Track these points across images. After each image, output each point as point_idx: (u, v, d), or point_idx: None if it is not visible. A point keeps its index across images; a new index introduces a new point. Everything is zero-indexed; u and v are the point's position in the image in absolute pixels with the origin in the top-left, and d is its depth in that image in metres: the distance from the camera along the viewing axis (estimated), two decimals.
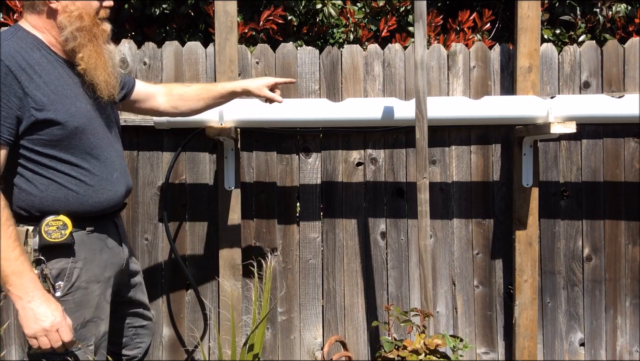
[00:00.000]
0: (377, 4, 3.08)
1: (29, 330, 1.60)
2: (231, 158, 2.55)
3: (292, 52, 2.68)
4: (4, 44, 1.62)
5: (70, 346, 1.66)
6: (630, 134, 2.68)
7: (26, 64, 1.63)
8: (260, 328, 1.91)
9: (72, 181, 1.70)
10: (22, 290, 1.58)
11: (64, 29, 1.69)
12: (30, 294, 1.59)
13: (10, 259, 1.56)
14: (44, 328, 1.59)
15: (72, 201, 1.71)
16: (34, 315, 1.59)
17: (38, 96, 1.63)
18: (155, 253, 2.69)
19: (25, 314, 1.59)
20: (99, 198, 1.76)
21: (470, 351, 2.70)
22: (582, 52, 2.68)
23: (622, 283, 2.71)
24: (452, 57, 2.69)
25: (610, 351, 2.72)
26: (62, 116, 1.67)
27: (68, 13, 1.69)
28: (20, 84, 1.60)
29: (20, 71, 1.61)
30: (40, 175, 1.67)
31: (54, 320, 1.61)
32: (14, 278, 1.57)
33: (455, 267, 2.72)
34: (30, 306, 1.59)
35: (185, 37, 3.05)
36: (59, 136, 1.67)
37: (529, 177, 2.59)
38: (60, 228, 1.67)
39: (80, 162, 1.72)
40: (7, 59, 1.60)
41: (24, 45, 1.65)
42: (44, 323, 1.59)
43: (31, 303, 1.59)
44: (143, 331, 2.07)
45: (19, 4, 2.86)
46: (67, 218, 1.68)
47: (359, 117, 2.45)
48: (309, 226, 2.71)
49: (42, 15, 1.71)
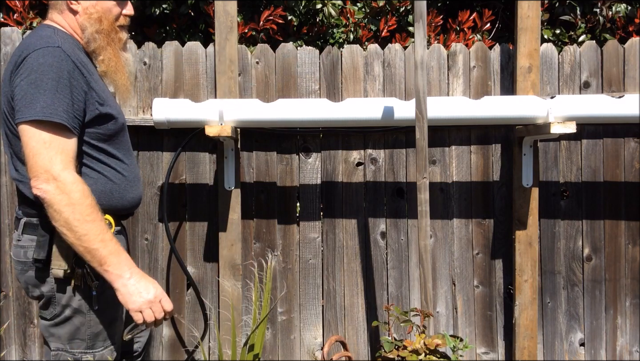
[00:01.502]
0: (377, 4, 3.07)
1: (134, 305, 1.64)
2: (231, 158, 2.55)
3: (292, 52, 2.68)
4: (60, 41, 1.66)
5: (170, 315, 1.73)
6: (630, 134, 2.69)
7: (80, 61, 1.68)
8: (260, 328, 1.91)
9: (117, 175, 1.77)
10: (121, 269, 1.63)
11: (84, 30, 1.76)
12: (129, 272, 1.64)
13: (107, 241, 1.61)
14: (148, 300, 1.65)
15: (115, 195, 1.77)
16: (137, 290, 1.64)
17: (98, 90, 1.70)
18: (155, 253, 2.69)
19: (128, 290, 1.63)
20: (133, 194, 1.83)
21: (470, 351, 2.70)
22: (582, 52, 2.68)
23: (622, 283, 2.71)
24: (452, 57, 2.69)
25: (610, 351, 2.72)
26: (114, 111, 1.75)
27: (88, 15, 1.75)
28: (85, 78, 1.66)
29: (82, 66, 1.67)
30: (92, 168, 1.72)
31: (156, 292, 1.67)
32: (112, 257, 1.61)
33: (455, 267, 2.72)
34: (131, 283, 1.64)
35: (185, 37, 3.05)
36: (112, 131, 1.74)
37: (529, 177, 2.59)
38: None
39: (123, 157, 1.80)
40: (71, 54, 1.65)
41: (69, 43, 1.71)
42: (148, 295, 1.65)
43: (131, 279, 1.64)
44: (140, 326, 2.09)
45: (18, 4, 2.86)
46: (111, 217, 1.74)
47: (359, 117, 2.45)
48: (309, 226, 2.71)
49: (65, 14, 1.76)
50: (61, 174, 1.56)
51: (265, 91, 2.67)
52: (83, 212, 1.57)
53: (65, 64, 1.61)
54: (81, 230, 1.57)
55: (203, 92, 2.66)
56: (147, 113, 2.66)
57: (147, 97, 2.66)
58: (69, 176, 1.57)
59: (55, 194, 1.56)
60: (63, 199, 1.56)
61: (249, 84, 2.67)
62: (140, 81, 2.66)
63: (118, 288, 1.64)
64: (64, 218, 1.57)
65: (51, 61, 1.59)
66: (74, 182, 1.57)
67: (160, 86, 2.67)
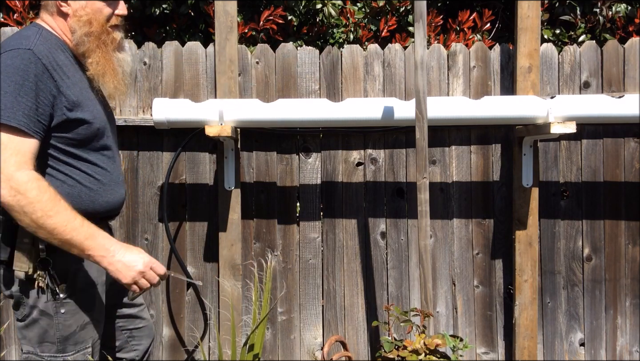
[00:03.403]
0: (377, 4, 3.07)
1: (126, 279, 1.66)
2: (231, 158, 2.55)
3: (292, 52, 2.68)
4: (36, 42, 1.64)
5: (164, 278, 1.75)
6: (630, 134, 2.68)
7: (56, 64, 1.66)
8: (260, 328, 1.91)
9: (88, 178, 1.74)
10: (102, 249, 1.63)
11: (74, 33, 1.73)
12: (111, 249, 1.64)
13: (77, 228, 1.60)
14: (139, 271, 1.66)
15: (84, 199, 1.73)
16: (125, 265, 1.65)
17: (70, 95, 1.66)
18: (155, 253, 2.69)
19: (116, 267, 1.64)
20: (107, 198, 1.79)
21: (470, 351, 2.70)
22: (582, 52, 2.68)
23: (622, 283, 2.71)
24: (452, 57, 2.69)
25: (610, 351, 2.72)
26: (88, 116, 1.71)
27: (77, 17, 1.72)
28: (55, 82, 1.63)
29: (53, 70, 1.64)
30: (57, 170, 1.69)
31: (145, 261, 1.68)
32: (89, 242, 1.61)
33: (455, 267, 2.72)
34: (117, 259, 1.64)
35: (185, 37, 3.05)
36: (84, 136, 1.70)
37: (529, 177, 2.59)
38: None
39: (98, 161, 1.76)
40: (43, 57, 1.62)
41: (50, 45, 1.68)
42: (137, 266, 1.66)
43: (116, 256, 1.64)
44: (139, 334, 2.06)
45: (18, 4, 2.86)
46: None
47: (359, 117, 2.44)
48: (309, 226, 2.71)
49: (55, 16, 1.73)
50: (14, 175, 1.54)
51: (265, 91, 2.67)
52: (44, 208, 1.55)
53: (33, 67, 1.58)
54: (49, 225, 1.56)
55: (203, 92, 2.66)
56: (147, 113, 2.66)
57: (147, 97, 2.66)
58: (23, 175, 1.55)
59: (11, 197, 1.54)
60: (21, 200, 1.54)
61: (249, 84, 2.67)
62: (140, 81, 2.66)
63: (106, 267, 1.65)
64: (29, 218, 1.55)
65: (18, 64, 1.57)
66: (28, 180, 1.55)
67: (160, 86, 2.67)
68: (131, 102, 2.65)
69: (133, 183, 2.67)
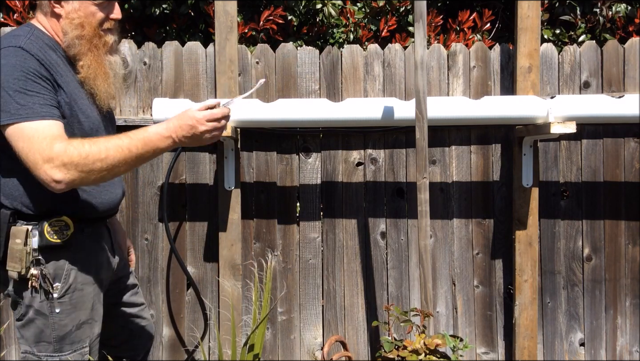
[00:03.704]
0: (377, 4, 3.07)
1: (205, 141, 1.69)
2: (231, 158, 2.55)
3: (292, 52, 2.68)
4: (27, 41, 1.63)
5: (226, 113, 1.70)
6: (630, 134, 2.68)
7: (49, 61, 1.65)
8: (260, 328, 1.91)
9: None
10: (161, 139, 1.64)
11: (66, 34, 1.71)
12: (165, 131, 1.65)
13: (125, 145, 1.61)
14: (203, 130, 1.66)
15: (80, 200, 1.72)
16: (188, 127, 1.65)
17: (66, 90, 1.66)
18: (155, 253, 2.69)
19: (189, 140, 1.67)
20: (102, 199, 1.78)
21: (470, 351, 2.70)
22: (582, 52, 2.68)
23: (622, 283, 2.71)
24: (452, 57, 2.69)
25: (610, 351, 2.72)
26: (81, 115, 1.70)
27: (70, 20, 1.71)
28: (52, 75, 1.63)
29: (48, 65, 1.64)
30: None
31: (196, 116, 1.66)
32: (146, 141, 1.63)
33: (455, 267, 2.72)
34: (179, 134, 1.65)
35: (185, 37, 3.05)
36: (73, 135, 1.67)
37: (529, 178, 2.59)
38: (62, 228, 1.67)
39: None
40: (35, 54, 1.62)
41: (42, 44, 1.67)
42: (198, 117, 1.66)
43: (175, 132, 1.65)
44: (140, 333, 2.06)
45: (18, 4, 2.86)
46: (68, 219, 1.68)
47: (359, 117, 2.45)
48: (309, 226, 2.71)
49: (48, 17, 1.73)
50: (51, 153, 1.54)
51: (265, 91, 2.67)
52: (95, 157, 1.56)
53: (29, 62, 1.59)
54: (111, 166, 1.58)
55: (203, 92, 2.66)
56: (147, 113, 2.66)
57: (147, 97, 2.66)
58: (57, 148, 1.55)
59: (66, 173, 1.55)
60: (72, 170, 1.55)
61: (249, 84, 2.67)
62: (140, 81, 2.66)
63: (181, 144, 1.68)
64: (94, 176, 1.57)
65: (14, 62, 1.58)
66: (65, 150, 1.55)
67: (160, 86, 2.67)
68: (131, 102, 2.65)
69: (133, 183, 2.67)
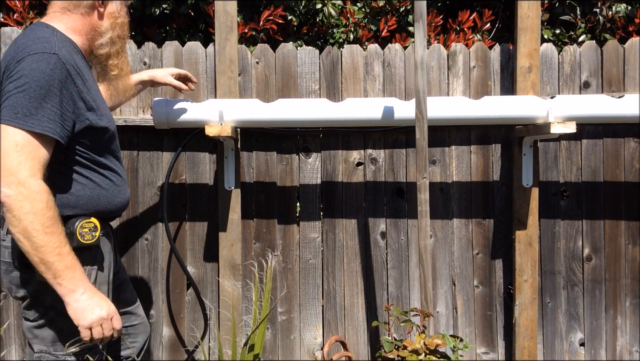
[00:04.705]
0: (377, 4, 3.08)
1: (84, 321, 1.60)
2: (231, 158, 2.55)
3: (292, 52, 2.68)
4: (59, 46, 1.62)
5: (118, 334, 1.69)
6: (630, 134, 2.69)
7: (78, 68, 1.66)
8: (260, 328, 1.91)
9: (105, 181, 1.76)
10: (75, 283, 1.59)
11: (104, 34, 1.74)
12: (82, 287, 1.60)
13: (64, 255, 1.57)
14: (101, 317, 1.62)
15: (102, 201, 1.75)
16: (89, 306, 1.60)
17: (89, 100, 1.67)
18: (155, 253, 2.69)
19: (80, 306, 1.60)
20: (120, 198, 1.82)
21: (470, 351, 2.70)
22: (582, 52, 2.68)
23: (622, 283, 2.71)
24: (452, 57, 2.69)
25: (610, 351, 2.72)
26: (105, 120, 1.74)
27: (114, 19, 1.76)
28: (77, 87, 1.64)
29: (76, 75, 1.64)
30: (80, 175, 1.70)
31: (109, 308, 1.64)
32: (68, 272, 1.58)
33: (455, 267, 2.72)
34: (84, 298, 1.60)
35: (185, 37, 3.05)
36: (101, 139, 1.73)
37: (529, 177, 2.59)
38: (92, 230, 1.70)
39: (111, 163, 1.79)
40: (67, 62, 1.61)
41: (68, 48, 1.67)
42: (101, 312, 1.62)
43: (84, 295, 1.60)
44: (135, 331, 2.07)
45: (18, 4, 2.86)
46: (96, 220, 1.72)
47: (359, 117, 2.45)
48: (309, 226, 2.71)
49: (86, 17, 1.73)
50: (27, 181, 1.52)
51: (265, 91, 2.67)
52: (44, 223, 1.53)
53: (58, 73, 1.57)
54: (39, 241, 1.53)
55: (203, 92, 2.66)
56: (147, 113, 2.66)
57: (147, 97, 2.66)
58: (35, 184, 1.53)
59: (16, 200, 1.51)
60: (24, 207, 1.51)
61: (249, 84, 2.67)
62: None
63: (69, 302, 1.59)
64: (23, 226, 1.52)
65: (44, 68, 1.56)
66: (39, 191, 1.53)
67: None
68: (131, 102, 2.64)
69: (133, 183, 2.67)
